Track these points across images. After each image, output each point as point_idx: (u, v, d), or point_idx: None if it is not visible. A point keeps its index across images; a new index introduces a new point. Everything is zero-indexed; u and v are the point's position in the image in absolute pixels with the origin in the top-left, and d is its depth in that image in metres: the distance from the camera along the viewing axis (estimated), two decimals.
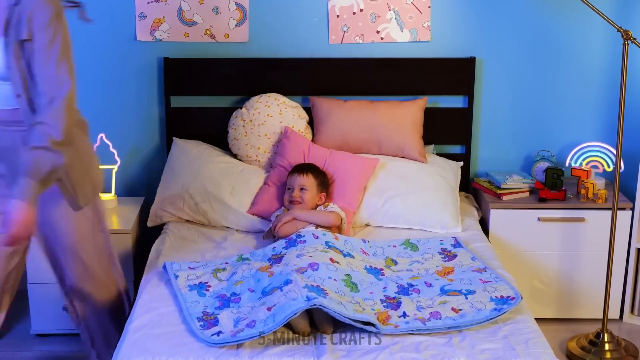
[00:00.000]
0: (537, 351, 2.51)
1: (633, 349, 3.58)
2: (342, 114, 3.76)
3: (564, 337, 3.71)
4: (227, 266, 3.06)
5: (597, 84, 3.96)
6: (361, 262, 3.06)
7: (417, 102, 3.81)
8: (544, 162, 3.87)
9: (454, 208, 3.58)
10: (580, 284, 3.78)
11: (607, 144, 3.90)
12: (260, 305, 2.66)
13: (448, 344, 2.56)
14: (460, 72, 3.87)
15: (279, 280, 2.75)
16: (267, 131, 3.73)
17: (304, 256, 2.92)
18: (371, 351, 2.51)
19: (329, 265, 2.87)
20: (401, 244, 3.26)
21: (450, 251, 3.21)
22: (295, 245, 3.05)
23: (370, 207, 3.57)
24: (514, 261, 3.72)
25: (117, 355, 2.53)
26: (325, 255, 2.94)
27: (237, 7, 3.83)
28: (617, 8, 3.83)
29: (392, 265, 3.11)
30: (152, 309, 2.78)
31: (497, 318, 2.71)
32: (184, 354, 2.49)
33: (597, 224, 3.70)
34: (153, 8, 3.79)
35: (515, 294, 2.81)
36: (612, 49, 3.89)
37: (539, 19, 3.87)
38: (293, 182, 3.45)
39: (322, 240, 3.08)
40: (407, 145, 3.75)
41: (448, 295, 2.82)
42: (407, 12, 3.84)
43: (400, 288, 2.89)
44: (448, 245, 3.25)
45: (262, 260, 3.06)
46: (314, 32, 3.87)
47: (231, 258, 3.15)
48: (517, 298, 2.77)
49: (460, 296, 2.81)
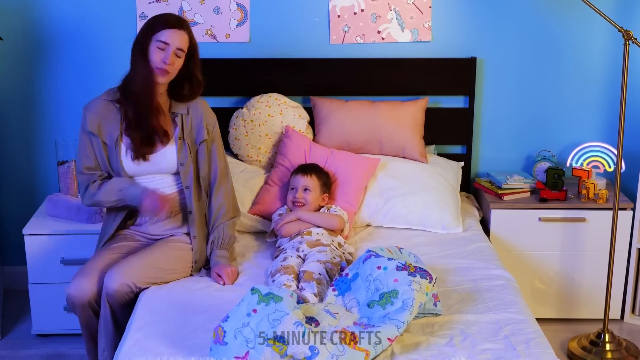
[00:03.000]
0: (538, 351, 2.51)
1: (634, 349, 3.58)
2: (343, 114, 3.76)
3: (565, 337, 3.71)
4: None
5: (598, 84, 3.96)
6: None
7: (418, 102, 3.81)
8: (545, 162, 3.87)
9: (454, 208, 3.58)
10: (581, 284, 3.78)
11: (608, 144, 3.90)
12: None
13: (449, 344, 2.56)
14: (461, 72, 3.87)
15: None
16: (268, 131, 3.73)
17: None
18: None
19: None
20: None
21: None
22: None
23: (371, 207, 3.57)
24: (515, 261, 3.72)
25: (118, 355, 2.53)
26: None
27: (238, 7, 3.84)
28: (618, 8, 3.83)
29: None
30: (153, 308, 2.78)
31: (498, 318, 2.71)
32: (185, 354, 2.49)
33: (598, 224, 3.70)
34: (154, 8, 3.80)
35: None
36: (613, 49, 3.89)
37: (539, 19, 3.87)
38: (296, 183, 3.44)
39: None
40: (408, 146, 3.75)
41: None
42: (408, 12, 3.84)
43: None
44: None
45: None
46: (314, 32, 3.88)
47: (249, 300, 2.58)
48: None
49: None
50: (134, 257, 2.98)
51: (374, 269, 2.75)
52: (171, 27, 2.98)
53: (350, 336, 2.48)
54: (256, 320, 2.44)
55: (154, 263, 2.97)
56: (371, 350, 2.46)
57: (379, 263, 2.75)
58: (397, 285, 2.65)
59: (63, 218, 3.62)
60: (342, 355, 2.40)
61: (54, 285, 3.54)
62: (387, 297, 2.64)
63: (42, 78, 3.90)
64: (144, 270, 2.93)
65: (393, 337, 2.51)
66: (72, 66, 3.88)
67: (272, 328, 2.42)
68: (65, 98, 3.92)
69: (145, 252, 3.02)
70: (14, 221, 4.04)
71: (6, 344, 3.60)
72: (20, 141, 3.98)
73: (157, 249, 3.03)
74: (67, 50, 3.86)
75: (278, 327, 2.42)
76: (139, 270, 2.92)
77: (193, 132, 3.13)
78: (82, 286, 2.92)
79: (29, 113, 3.95)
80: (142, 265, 2.94)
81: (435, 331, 2.65)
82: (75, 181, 3.79)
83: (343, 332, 2.49)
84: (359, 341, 2.47)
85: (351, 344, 2.45)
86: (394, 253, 2.89)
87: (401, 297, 2.61)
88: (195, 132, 3.13)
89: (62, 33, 3.84)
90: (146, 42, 2.99)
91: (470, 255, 3.28)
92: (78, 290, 2.92)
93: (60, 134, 3.93)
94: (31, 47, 3.86)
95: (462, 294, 2.92)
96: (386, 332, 2.51)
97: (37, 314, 3.59)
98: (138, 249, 3.10)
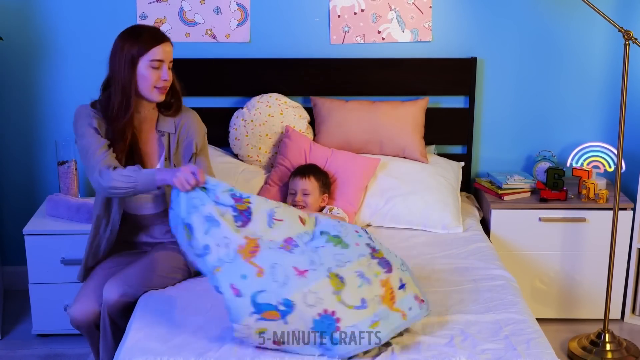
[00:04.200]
0: (538, 351, 2.50)
1: (634, 349, 3.57)
2: (343, 114, 3.76)
3: (565, 337, 3.71)
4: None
5: (598, 84, 3.95)
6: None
7: (419, 103, 3.81)
8: (545, 162, 3.87)
9: (455, 208, 3.58)
10: (582, 284, 3.78)
11: (608, 144, 3.90)
12: (257, 332, 2.47)
13: (449, 344, 2.56)
14: (462, 72, 3.87)
15: (274, 294, 2.44)
16: (268, 131, 3.73)
17: (274, 220, 2.61)
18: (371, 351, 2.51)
19: (302, 235, 2.62)
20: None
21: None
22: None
23: (371, 208, 3.57)
24: (515, 261, 3.72)
25: (118, 355, 2.53)
26: (294, 213, 2.68)
27: (238, 8, 3.84)
28: (618, 8, 3.83)
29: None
30: (153, 309, 2.78)
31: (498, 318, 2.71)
32: (185, 354, 2.49)
33: (598, 224, 3.70)
34: (154, 8, 3.80)
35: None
36: (613, 49, 3.89)
37: (540, 19, 3.87)
38: (295, 186, 3.44)
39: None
40: (408, 146, 3.75)
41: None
42: (408, 12, 3.84)
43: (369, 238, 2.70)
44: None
45: (225, 204, 2.60)
46: (315, 32, 3.88)
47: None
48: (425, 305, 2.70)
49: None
50: (130, 266, 2.95)
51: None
52: (162, 41, 2.86)
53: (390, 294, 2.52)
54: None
55: (150, 269, 2.93)
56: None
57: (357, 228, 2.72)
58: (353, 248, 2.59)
59: (63, 218, 3.62)
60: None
61: (54, 285, 3.54)
62: (339, 240, 2.60)
63: (42, 78, 3.90)
64: (141, 277, 2.90)
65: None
66: (73, 66, 3.88)
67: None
68: (66, 98, 3.92)
69: (141, 260, 2.99)
70: (14, 221, 4.04)
71: (6, 344, 3.60)
72: (20, 141, 3.98)
73: (153, 256, 3.00)
74: (67, 50, 3.87)
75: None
76: (137, 279, 2.89)
77: (181, 150, 3.01)
78: (85, 308, 2.90)
79: (29, 113, 3.95)
80: (139, 273, 2.91)
81: (435, 331, 2.65)
82: (75, 181, 3.79)
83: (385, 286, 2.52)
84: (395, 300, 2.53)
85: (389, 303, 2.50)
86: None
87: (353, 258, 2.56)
88: (183, 149, 3.01)
89: (62, 33, 3.84)
90: (134, 63, 2.83)
91: (470, 255, 3.27)
92: (82, 313, 2.90)
93: (60, 134, 3.93)
94: (31, 47, 3.86)
95: (462, 294, 2.92)
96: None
97: (37, 314, 3.58)
98: (135, 258, 3.06)
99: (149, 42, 2.84)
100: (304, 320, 2.43)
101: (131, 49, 2.83)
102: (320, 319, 2.43)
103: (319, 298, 2.43)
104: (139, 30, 2.88)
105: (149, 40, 2.84)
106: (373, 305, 2.50)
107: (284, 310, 2.42)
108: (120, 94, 2.85)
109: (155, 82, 2.88)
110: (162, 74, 2.88)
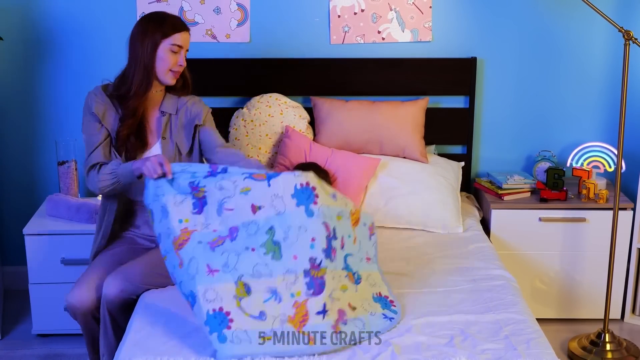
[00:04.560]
0: (538, 351, 2.50)
1: (634, 349, 3.58)
2: (343, 114, 3.76)
3: (565, 337, 3.71)
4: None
5: (598, 84, 3.96)
6: (290, 178, 2.66)
7: (419, 103, 3.81)
8: (545, 162, 3.87)
9: (455, 208, 3.58)
10: (582, 284, 3.78)
11: (608, 144, 3.90)
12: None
13: (449, 344, 2.56)
14: (462, 72, 3.87)
15: (186, 285, 2.56)
16: (268, 131, 3.74)
17: (224, 210, 2.67)
18: (371, 351, 2.52)
19: (249, 225, 2.63)
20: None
21: None
22: (215, 176, 2.71)
23: (371, 208, 3.57)
24: (515, 261, 3.72)
25: (118, 355, 2.53)
26: (246, 203, 2.66)
27: (238, 7, 3.84)
28: (618, 8, 3.83)
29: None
30: (153, 309, 2.78)
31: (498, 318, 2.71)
32: (185, 354, 2.49)
33: (599, 224, 3.70)
34: (154, 8, 3.79)
35: (389, 292, 2.81)
36: (613, 49, 3.89)
37: (540, 19, 3.87)
38: None
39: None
40: (408, 146, 3.75)
41: (348, 278, 2.70)
42: (408, 12, 3.84)
43: (327, 240, 2.60)
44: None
45: (185, 193, 2.72)
46: (315, 32, 3.88)
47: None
48: (397, 306, 2.76)
49: (353, 285, 2.72)
50: (131, 262, 2.97)
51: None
52: (183, 29, 3.04)
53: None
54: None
55: (152, 267, 2.95)
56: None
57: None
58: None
59: (63, 218, 3.62)
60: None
61: (54, 285, 3.54)
62: (275, 249, 2.61)
63: (42, 78, 3.90)
64: (142, 275, 2.91)
65: None
66: (73, 66, 3.88)
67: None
68: (65, 98, 3.92)
69: (142, 257, 3.00)
70: (14, 221, 4.04)
71: (6, 344, 3.60)
72: (20, 141, 3.98)
73: (155, 253, 3.01)
74: (67, 50, 3.87)
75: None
76: (138, 276, 2.90)
77: (183, 130, 3.14)
78: (82, 295, 2.91)
79: (29, 113, 3.95)
80: (140, 270, 2.92)
81: (435, 331, 2.65)
82: (75, 181, 3.79)
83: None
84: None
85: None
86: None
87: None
88: (185, 129, 3.14)
89: (62, 33, 3.84)
90: (156, 45, 3.00)
91: (470, 255, 3.27)
92: (79, 299, 2.91)
93: (60, 134, 3.94)
94: (31, 47, 3.86)
95: (462, 294, 2.92)
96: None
97: (37, 314, 3.59)
98: (137, 252, 3.09)
99: (172, 28, 3.02)
100: (200, 314, 2.51)
101: (155, 32, 3.00)
102: (213, 314, 2.50)
103: (219, 296, 2.52)
104: (163, 16, 3.06)
105: (173, 26, 3.02)
106: (272, 321, 2.51)
107: (190, 301, 2.55)
108: (141, 74, 3.01)
109: (172, 66, 3.04)
110: (179, 59, 3.05)
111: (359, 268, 2.79)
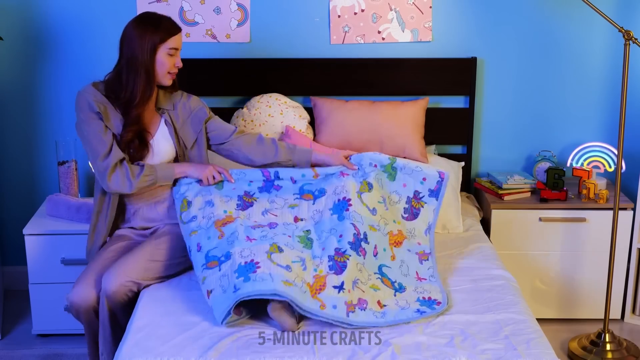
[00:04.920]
0: (538, 351, 2.51)
1: (634, 349, 3.57)
2: (343, 114, 3.76)
3: (565, 337, 3.71)
4: (202, 196, 3.13)
5: (599, 84, 3.95)
6: (332, 196, 3.08)
7: (419, 103, 3.81)
8: (546, 162, 3.87)
9: (455, 208, 3.58)
10: (582, 284, 3.78)
11: (608, 144, 3.90)
12: (201, 282, 2.80)
13: (449, 344, 2.56)
14: (462, 72, 3.87)
15: (222, 249, 2.82)
16: (269, 131, 3.73)
17: (269, 214, 3.07)
18: (371, 351, 2.52)
19: (289, 225, 3.02)
20: (383, 165, 3.19)
21: (419, 200, 3.16)
22: (269, 192, 3.15)
23: None
24: (515, 261, 3.72)
25: (118, 355, 2.53)
26: (290, 214, 3.07)
27: (238, 8, 3.84)
28: (619, 8, 3.83)
29: (364, 192, 3.08)
30: (154, 309, 2.78)
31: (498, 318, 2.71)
32: (185, 354, 2.49)
33: (599, 224, 3.70)
34: (154, 8, 3.79)
35: (443, 298, 2.84)
36: (614, 49, 3.89)
37: (540, 19, 3.87)
38: None
39: (298, 186, 3.16)
40: (408, 146, 3.75)
41: (382, 281, 2.90)
42: (408, 12, 3.84)
43: (355, 238, 2.90)
44: (425, 190, 3.17)
45: (231, 196, 3.12)
46: (315, 32, 3.88)
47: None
48: (443, 304, 2.80)
49: (391, 290, 2.87)
50: (128, 255, 2.98)
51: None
52: (177, 32, 3.06)
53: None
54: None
55: (148, 257, 2.97)
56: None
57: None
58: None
59: (63, 218, 3.62)
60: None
61: (54, 285, 3.54)
62: (307, 243, 2.97)
63: (42, 78, 3.90)
64: (139, 266, 2.93)
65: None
66: (73, 66, 3.88)
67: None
68: (66, 98, 3.92)
69: (138, 248, 3.02)
70: (14, 221, 4.04)
71: (6, 344, 3.60)
72: (20, 141, 3.98)
73: (149, 243, 3.04)
74: (67, 50, 3.87)
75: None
76: (135, 267, 2.92)
77: (187, 124, 3.19)
78: (84, 292, 2.92)
79: (29, 113, 3.95)
80: (137, 261, 2.94)
81: (435, 331, 2.65)
82: (75, 181, 3.79)
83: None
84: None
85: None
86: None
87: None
88: (190, 122, 3.19)
89: (62, 33, 3.84)
90: (155, 50, 3.01)
91: (470, 255, 3.27)
92: (81, 296, 2.92)
93: (60, 134, 3.94)
94: (31, 47, 3.86)
95: (462, 294, 2.92)
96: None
97: (37, 314, 3.59)
98: (133, 246, 3.11)
99: (168, 32, 3.03)
100: (232, 266, 2.72)
101: (153, 36, 3.01)
102: (245, 265, 2.70)
103: (252, 253, 2.75)
104: (158, 19, 3.05)
105: (168, 30, 3.03)
106: (295, 276, 2.71)
107: (222, 260, 2.77)
108: (144, 80, 3.02)
109: (170, 68, 3.08)
110: (176, 61, 3.08)
111: (403, 281, 2.96)
